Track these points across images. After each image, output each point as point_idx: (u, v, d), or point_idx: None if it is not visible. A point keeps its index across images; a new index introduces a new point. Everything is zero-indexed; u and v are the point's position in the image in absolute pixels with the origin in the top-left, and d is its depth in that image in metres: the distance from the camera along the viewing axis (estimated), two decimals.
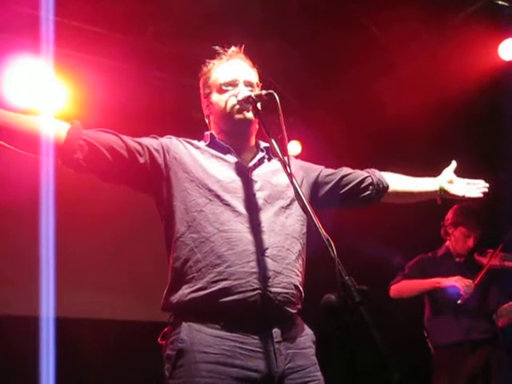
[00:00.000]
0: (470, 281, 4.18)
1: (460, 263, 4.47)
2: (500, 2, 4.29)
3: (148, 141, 2.21)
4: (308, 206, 1.81)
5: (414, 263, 4.55)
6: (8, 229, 5.00)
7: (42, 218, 4.20)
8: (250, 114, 2.22)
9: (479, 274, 4.25)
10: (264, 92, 2.14)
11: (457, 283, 4.17)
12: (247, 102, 2.19)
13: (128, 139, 2.15)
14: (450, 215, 4.55)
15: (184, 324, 2.01)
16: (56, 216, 4.23)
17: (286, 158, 1.97)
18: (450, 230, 4.54)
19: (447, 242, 4.58)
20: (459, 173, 2.70)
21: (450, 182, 2.67)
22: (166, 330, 2.11)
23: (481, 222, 4.48)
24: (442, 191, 2.65)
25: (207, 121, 2.43)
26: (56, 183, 3.05)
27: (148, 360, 3.11)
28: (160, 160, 2.18)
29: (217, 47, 2.41)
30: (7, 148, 2.03)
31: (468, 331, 4.23)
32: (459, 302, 4.17)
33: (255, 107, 2.18)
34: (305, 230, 2.25)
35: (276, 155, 2.05)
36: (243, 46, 2.42)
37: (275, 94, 2.07)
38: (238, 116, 2.24)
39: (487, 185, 2.70)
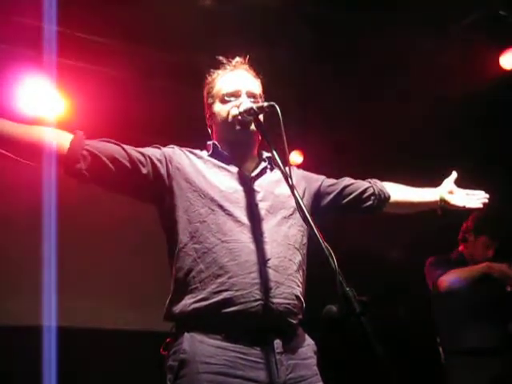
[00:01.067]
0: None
1: None
2: (501, 12, 4.29)
3: (151, 151, 2.21)
4: (309, 217, 1.81)
5: (436, 261, 4.37)
6: (10, 239, 5.00)
7: (44, 227, 4.21)
8: (251, 126, 2.23)
9: None
10: (266, 104, 2.15)
11: (508, 271, 4.10)
12: (249, 113, 2.19)
13: (131, 149, 2.15)
14: (471, 222, 4.40)
15: (186, 334, 2.01)
16: (58, 226, 4.25)
17: (287, 169, 1.97)
18: (471, 237, 4.40)
19: (461, 247, 4.45)
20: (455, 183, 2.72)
21: (451, 192, 2.68)
22: (168, 340, 2.11)
23: (502, 232, 4.41)
24: (443, 201, 2.67)
25: (210, 131, 2.43)
26: (58, 193, 3.05)
27: (150, 370, 3.10)
28: (163, 170, 2.18)
29: (221, 57, 2.43)
30: (10, 158, 2.04)
31: (484, 338, 4.13)
32: (509, 289, 4.12)
33: (257, 119, 2.19)
34: (305, 241, 2.26)
35: (278, 166, 2.06)
36: (248, 57, 2.43)
37: (276, 107, 2.07)
38: (239, 127, 2.25)
39: (487, 195, 2.71)
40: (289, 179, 1.93)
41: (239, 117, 2.23)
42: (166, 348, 2.10)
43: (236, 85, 2.32)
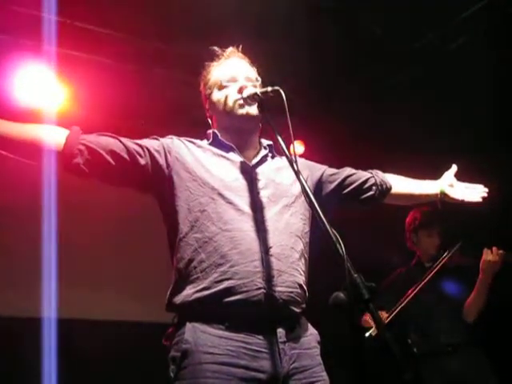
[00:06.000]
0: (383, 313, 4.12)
1: (428, 268, 4.36)
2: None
3: (148, 142, 2.21)
4: (315, 203, 1.77)
5: (387, 286, 4.44)
6: (10, 230, 4.98)
7: (44, 219, 4.20)
8: (252, 110, 2.20)
9: (423, 279, 4.19)
10: (270, 88, 2.11)
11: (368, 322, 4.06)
12: (252, 99, 2.18)
13: (128, 141, 2.15)
14: (406, 226, 4.60)
15: (188, 324, 1.99)
16: (58, 217, 4.23)
17: (292, 155, 1.94)
18: (414, 238, 4.54)
19: (417, 252, 4.56)
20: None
21: (451, 185, 2.68)
22: (170, 330, 2.09)
23: (438, 218, 4.47)
24: (443, 194, 2.66)
25: (210, 121, 2.42)
26: (58, 184, 3.04)
27: (151, 362, 3.08)
28: (161, 160, 2.17)
29: (215, 48, 2.42)
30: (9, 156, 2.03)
31: (439, 337, 4.20)
32: (367, 334, 4.02)
33: (260, 104, 2.16)
34: (307, 229, 2.25)
35: (280, 153, 2.03)
36: (240, 47, 2.44)
37: (281, 91, 2.04)
38: (240, 111, 2.23)
39: (486, 189, 2.71)
40: (294, 164, 1.90)
41: (240, 101, 2.22)
42: (168, 338, 2.08)
43: (232, 72, 2.33)
